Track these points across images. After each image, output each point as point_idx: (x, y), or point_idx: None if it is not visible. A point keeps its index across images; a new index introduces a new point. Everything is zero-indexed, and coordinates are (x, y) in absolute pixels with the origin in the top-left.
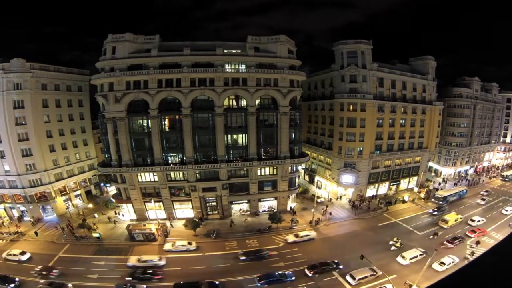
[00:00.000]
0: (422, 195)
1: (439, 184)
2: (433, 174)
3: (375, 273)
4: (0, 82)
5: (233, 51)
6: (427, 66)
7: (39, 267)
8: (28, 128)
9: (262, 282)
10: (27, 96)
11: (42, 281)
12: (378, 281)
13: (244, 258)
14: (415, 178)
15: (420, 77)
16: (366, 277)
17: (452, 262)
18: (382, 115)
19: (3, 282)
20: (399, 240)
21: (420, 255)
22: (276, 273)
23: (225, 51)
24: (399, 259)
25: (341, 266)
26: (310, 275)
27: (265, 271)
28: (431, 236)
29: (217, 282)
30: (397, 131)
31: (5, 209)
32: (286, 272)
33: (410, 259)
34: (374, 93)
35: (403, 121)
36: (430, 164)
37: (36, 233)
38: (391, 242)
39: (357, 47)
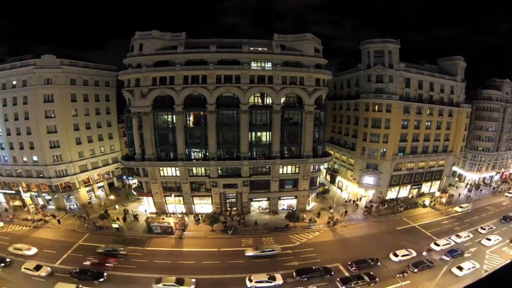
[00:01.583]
0: (444, 200)
1: (468, 190)
2: (456, 179)
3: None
4: (32, 77)
5: (259, 48)
6: (455, 67)
7: None
8: (56, 121)
9: None
10: (57, 91)
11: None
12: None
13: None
14: (438, 182)
15: (448, 78)
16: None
17: (472, 267)
18: (408, 116)
19: None
20: None
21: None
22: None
23: (251, 48)
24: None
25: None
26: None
27: (277, 269)
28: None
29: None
30: (422, 133)
31: (31, 197)
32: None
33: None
34: (400, 93)
35: (429, 123)
36: (454, 168)
37: (58, 221)
38: None
39: (384, 46)
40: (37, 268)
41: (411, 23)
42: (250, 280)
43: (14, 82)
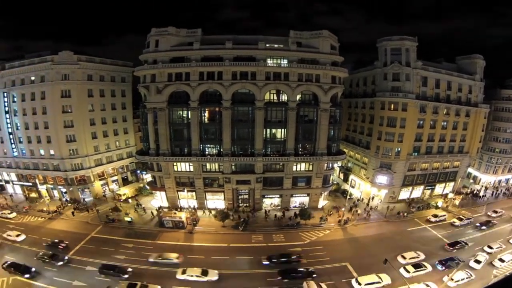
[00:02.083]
0: (457, 202)
1: (484, 192)
2: (471, 180)
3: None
4: (50, 73)
5: (275, 45)
6: (474, 66)
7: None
8: (73, 116)
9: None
10: (74, 86)
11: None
12: None
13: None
14: (452, 183)
15: (467, 77)
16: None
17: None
18: (424, 115)
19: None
20: None
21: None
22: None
23: (267, 45)
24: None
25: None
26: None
27: (286, 267)
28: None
29: None
30: (437, 133)
31: (47, 190)
32: None
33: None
34: (417, 92)
35: (445, 123)
36: (469, 170)
37: (72, 213)
38: None
39: (402, 43)
40: None
41: (423, 11)
42: None
43: (33, 78)
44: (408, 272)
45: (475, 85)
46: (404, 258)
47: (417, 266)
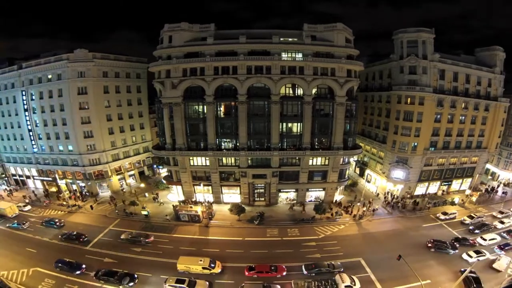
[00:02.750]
0: (474, 198)
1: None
2: (489, 177)
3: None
4: (66, 71)
5: (290, 39)
6: (494, 58)
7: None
8: (90, 112)
9: None
10: (90, 83)
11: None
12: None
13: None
14: (469, 179)
15: (486, 70)
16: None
17: None
18: (441, 110)
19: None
20: None
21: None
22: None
23: (281, 39)
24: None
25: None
26: None
27: (300, 260)
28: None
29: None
30: (455, 128)
31: (66, 184)
32: None
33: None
34: (434, 86)
35: (463, 117)
36: (488, 166)
37: (91, 207)
38: None
39: (418, 35)
40: None
41: None
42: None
43: (49, 76)
44: (471, 257)
45: (494, 78)
46: None
47: (478, 252)
